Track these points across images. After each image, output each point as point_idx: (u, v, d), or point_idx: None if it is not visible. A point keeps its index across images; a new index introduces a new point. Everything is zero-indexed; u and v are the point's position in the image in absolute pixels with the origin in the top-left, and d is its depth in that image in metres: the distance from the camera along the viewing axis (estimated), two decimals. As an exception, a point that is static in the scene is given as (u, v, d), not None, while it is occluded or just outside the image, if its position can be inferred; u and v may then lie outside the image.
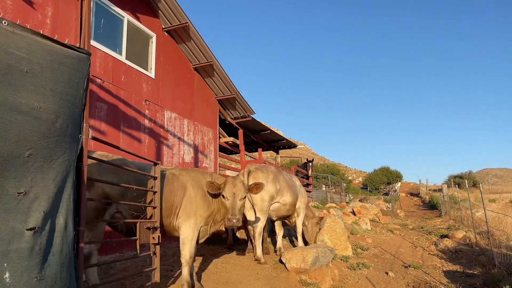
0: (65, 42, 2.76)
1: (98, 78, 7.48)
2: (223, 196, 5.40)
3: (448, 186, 30.38)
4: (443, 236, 13.87)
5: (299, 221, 8.54)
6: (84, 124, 2.91)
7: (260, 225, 7.28)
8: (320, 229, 9.37)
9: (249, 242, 8.23)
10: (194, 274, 5.66)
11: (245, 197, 5.57)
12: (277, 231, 8.60)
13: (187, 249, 5.25)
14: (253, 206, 7.38)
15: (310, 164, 20.67)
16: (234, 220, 5.22)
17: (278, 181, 7.72)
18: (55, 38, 2.66)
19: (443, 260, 10.76)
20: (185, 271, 5.24)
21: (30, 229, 2.27)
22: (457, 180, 37.09)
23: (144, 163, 5.43)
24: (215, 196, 5.56)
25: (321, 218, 9.21)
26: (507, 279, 7.73)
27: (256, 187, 5.85)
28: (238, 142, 13.69)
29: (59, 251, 2.50)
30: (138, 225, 4.62)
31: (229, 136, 14.13)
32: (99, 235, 4.70)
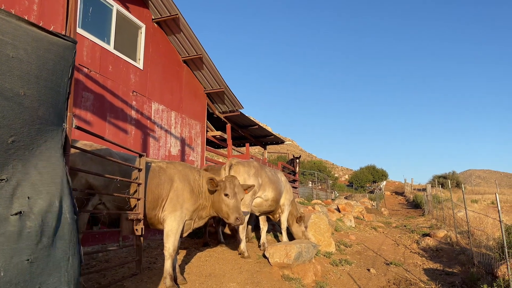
0: (51, 29, 2.72)
1: (85, 67, 7.39)
2: (226, 195, 5.50)
3: (432, 186, 30.84)
4: (425, 235, 14.09)
5: (283, 217, 8.53)
6: (68, 113, 2.88)
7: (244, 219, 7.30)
8: (306, 227, 9.19)
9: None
10: (177, 267, 5.66)
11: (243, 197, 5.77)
12: (261, 226, 8.63)
13: (171, 242, 5.26)
14: None
15: (297, 160, 20.72)
16: (240, 221, 5.47)
17: (260, 175, 7.68)
18: (41, 25, 2.62)
19: (424, 258, 10.94)
20: (167, 264, 5.25)
21: (15, 214, 2.26)
22: (441, 180, 37.58)
23: (130, 155, 5.41)
24: (201, 192, 5.63)
25: (301, 217, 8.88)
26: (485, 278, 7.89)
27: (249, 189, 6.14)
28: (225, 136, 13.68)
29: (53, 235, 2.49)
30: (121, 216, 4.61)
31: (217, 130, 14.10)
32: (81, 226, 4.68)
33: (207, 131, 12.47)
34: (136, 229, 4.81)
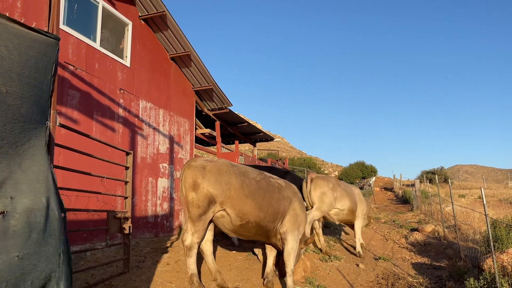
0: (33, 26, 2.69)
1: (70, 65, 7.30)
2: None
3: (420, 182, 31.06)
4: (414, 230, 14.23)
5: (357, 225, 10.22)
6: (51, 111, 2.85)
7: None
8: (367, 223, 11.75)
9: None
10: (166, 265, 5.65)
11: None
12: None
13: (292, 260, 5.74)
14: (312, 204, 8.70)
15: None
16: None
17: (336, 190, 9.02)
18: (24, 22, 2.58)
19: (412, 253, 11.06)
20: (289, 280, 5.76)
21: None
22: (429, 176, 37.87)
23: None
24: None
25: (369, 217, 11.32)
26: (471, 271, 8.00)
27: None
28: (215, 134, 13.64)
29: (42, 232, 2.48)
30: (108, 215, 4.57)
31: (206, 128, 14.04)
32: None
33: (196, 128, 12.43)
34: (124, 228, 4.78)
